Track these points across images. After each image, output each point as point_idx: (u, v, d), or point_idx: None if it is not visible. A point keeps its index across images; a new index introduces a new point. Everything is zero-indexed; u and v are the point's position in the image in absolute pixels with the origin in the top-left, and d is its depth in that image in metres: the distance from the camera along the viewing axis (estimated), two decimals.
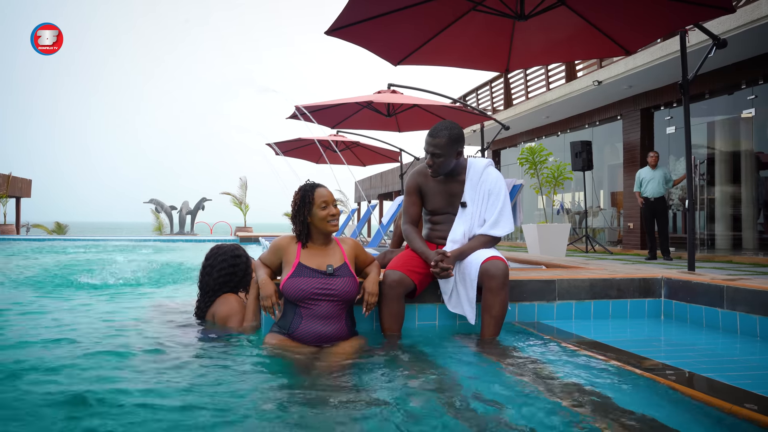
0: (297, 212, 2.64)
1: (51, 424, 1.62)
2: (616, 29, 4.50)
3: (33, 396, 1.83)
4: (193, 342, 2.66)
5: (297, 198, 2.65)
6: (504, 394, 1.98)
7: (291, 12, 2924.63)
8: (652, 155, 8.99)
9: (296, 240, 2.68)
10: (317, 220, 2.61)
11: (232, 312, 2.91)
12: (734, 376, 2.09)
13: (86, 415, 1.69)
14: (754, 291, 2.81)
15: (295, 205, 2.65)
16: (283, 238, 2.70)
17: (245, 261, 3.14)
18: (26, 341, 2.64)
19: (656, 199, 8.83)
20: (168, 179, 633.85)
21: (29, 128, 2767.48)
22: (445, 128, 2.90)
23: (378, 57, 4.88)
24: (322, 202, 2.62)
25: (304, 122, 7.59)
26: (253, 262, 2.76)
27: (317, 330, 2.50)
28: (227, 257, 3.08)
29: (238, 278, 3.09)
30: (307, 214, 2.61)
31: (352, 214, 13.86)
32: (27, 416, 1.68)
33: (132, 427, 1.61)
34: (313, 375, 2.16)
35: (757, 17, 7.44)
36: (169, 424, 1.64)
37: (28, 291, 4.70)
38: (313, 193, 2.63)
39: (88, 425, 1.61)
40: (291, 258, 2.61)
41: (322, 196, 2.63)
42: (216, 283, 3.04)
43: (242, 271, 3.11)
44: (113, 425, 1.62)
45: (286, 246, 2.66)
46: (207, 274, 3.07)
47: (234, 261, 3.08)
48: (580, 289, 3.28)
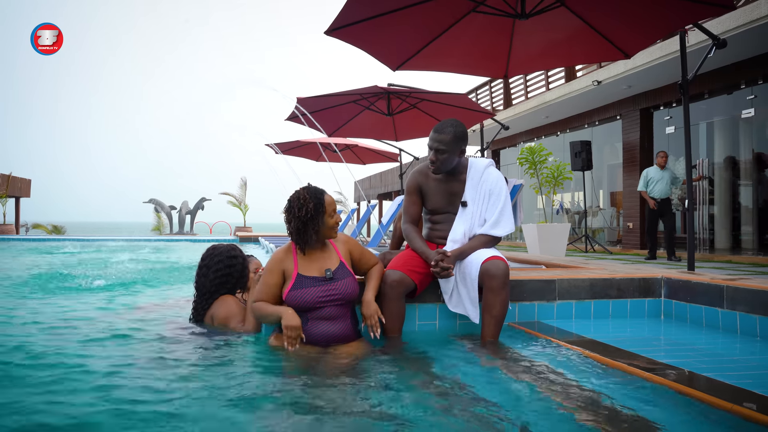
0: (309, 220, 2.51)
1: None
2: (615, 31, 4.50)
3: (32, 400, 1.83)
4: (196, 342, 2.66)
5: (309, 206, 2.51)
6: (504, 394, 1.98)
7: (292, 12, 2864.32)
8: (662, 155, 8.81)
9: (289, 250, 2.62)
10: (326, 228, 2.57)
11: (231, 314, 2.89)
12: (734, 376, 2.09)
13: (87, 414, 1.69)
14: (754, 291, 2.81)
15: (306, 213, 2.51)
16: (277, 254, 2.63)
17: (242, 261, 3.09)
18: (26, 344, 2.63)
19: (663, 200, 8.71)
20: (168, 179, 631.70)
21: (29, 128, 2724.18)
22: (450, 125, 2.91)
23: (377, 60, 4.88)
24: (332, 210, 2.59)
25: (304, 124, 7.58)
26: (255, 306, 2.60)
27: (323, 330, 2.51)
28: (223, 258, 3.02)
29: (234, 279, 3.04)
30: (321, 223, 2.54)
31: (351, 214, 13.85)
32: (26, 419, 1.67)
33: (136, 427, 1.61)
34: (315, 376, 2.16)
35: (756, 17, 7.44)
36: (174, 424, 1.64)
37: (27, 291, 4.70)
38: (323, 203, 2.56)
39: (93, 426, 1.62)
40: (290, 270, 2.56)
41: (331, 204, 2.59)
42: (212, 284, 2.99)
43: (239, 272, 3.05)
44: (116, 425, 1.62)
45: (283, 259, 2.60)
46: (203, 275, 3.01)
47: (230, 262, 3.03)
48: (580, 289, 3.28)
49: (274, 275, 2.57)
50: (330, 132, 8.06)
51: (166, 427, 1.62)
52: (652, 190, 8.76)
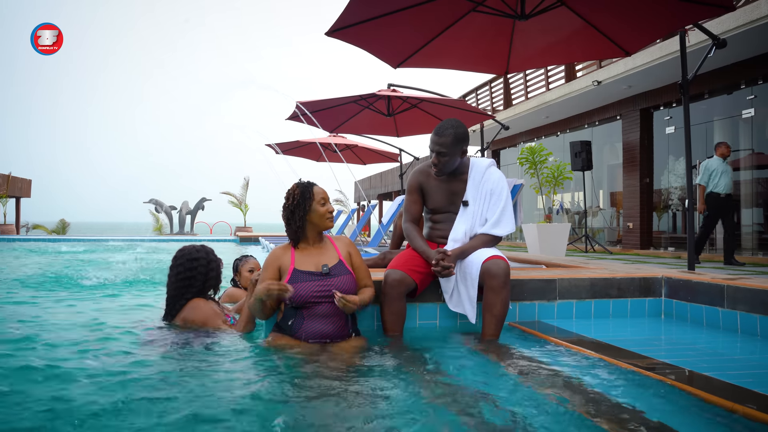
0: (295, 208, 2.59)
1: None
2: (615, 30, 4.51)
3: (32, 405, 1.83)
4: (190, 342, 2.66)
5: (296, 194, 2.61)
6: (504, 393, 1.99)
7: (289, 12, 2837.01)
8: (725, 145, 7.66)
9: (287, 247, 2.65)
10: (317, 217, 2.61)
11: (207, 317, 2.83)
12: (735, 375, 2.10)
13: (90, 415, 1.69)
14: (754, 290, 2.82)
15: (293, 201, 2.60)
16: (275, 251, 2.66)
17: (205, 264, 2.94)
18: (26, 348, 2.63)
19: (727, 195, 7.55)
20: (168, 179, 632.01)
21: (29, 128, 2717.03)
22: (450, 127, 2.91)
23: (378, 59, 4.89)
24: (321, 198, 2.63)
25: (304, 122, 7.59)
26: (249, 303, 2.57)
27: (319, 329, 2.51)
28: (184, 261, 2.92)
29: (199, 281, 2.91)
30: (307, 210, 2.59)
31: (352, 214, 13.85)
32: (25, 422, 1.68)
33: (130, 426, 1.62)
34: (314, 374, 2.16)
35: (756, 17, 7.45)
36: (168, 424, 1.64)
37: (24, 290, 4.70)
38: (312, 190, 2.63)
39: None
40: (286, 265, 2.58)
41: (321, 192, 2.65)
42: (174, 287, 2.90)
43: (202, 275, 2.92)
44: (115, 426, 1.62)
45: (280, 256, 2.62)
46: (168, 278, 2.94)
47: (190, 265, 2.90)
48: (581, 289, 3.28)
49: (269, 271, 2.59)
50: (330, 130, 8.07)
51: (157, 427, 1.62)
52: (717, 184, 7.51)
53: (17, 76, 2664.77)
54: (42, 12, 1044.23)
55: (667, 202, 11.42)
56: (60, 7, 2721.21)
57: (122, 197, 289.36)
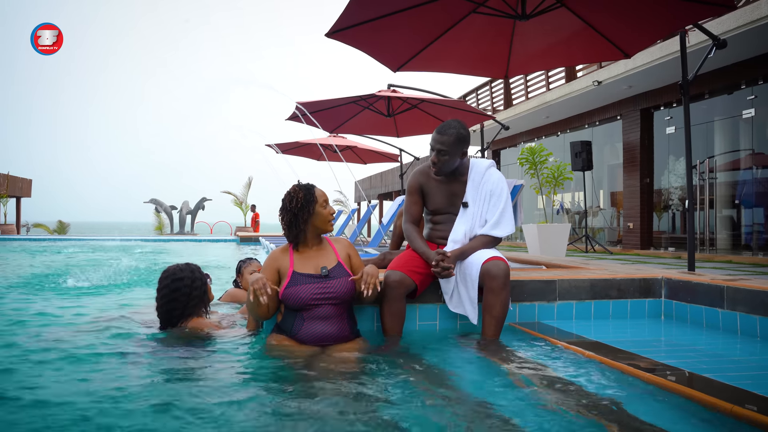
0: (299, 211, 2.55)
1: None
2: (615, 31, 4.50)
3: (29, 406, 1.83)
4: (193, 342, 2.66)
5: (299, 197, 2.57)
6: (504, 394, 1.99)
7: (292, 12, 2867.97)
8: None
9: (286, 249, 2.63)
10: (320, 219, 2.59)
11: (210, 329, 2.80)
12: (735, 377, 2.10)
13: (90, 415, 1.69)
14: (754, 291, 2.81)
15: (296, 204, 2.56)
16: (274, 252, 2.64)
17: (189, 284, 2.81)
18: (23, 352, 2.63)
19: None
20: (169, 178, 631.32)
21: (29, 128, 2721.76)
22: (453, 126, 2.91)
23: (377, 62, 4.88)
24: (323, 201, 2.62)
25: (303, 123, 7.59)
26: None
27: (319, 330, 2.50)
28: (168, 282, 2.80)
29: (182, 304, 2.78)
30: (311, 213, 2.56)
31: (352, 214, 13.84)
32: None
33: (130, 426, 1.62)
34: (314, 376, 2.16)
35: (757, 17, 7.45)
36: (168, 424, 1.64)
37: (23, 290, 4.70)
38: (314, 192, 2.61)
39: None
40: (285, 268, 2.57)
41: (322, 195, 2.64)
42: (163, 311, 2.80)
43: (185, 296, 2.79)
44: (116, 426, 1.62)
45: (279, 258, 2.60)
46: (156, 300, 2.83)
47: (175, 286, 2.78)
48: (581, 290, 3.28)
49: (268, 272, 2.57)
50: (330, 130, 8.07)
51: (157, 427, 1.62)
52: None
53: (18, 75, 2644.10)
54: (43, 11, 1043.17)
55: (667, 202, 11.41)
56: (61, 7, 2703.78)
57: (123, 197, 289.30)
